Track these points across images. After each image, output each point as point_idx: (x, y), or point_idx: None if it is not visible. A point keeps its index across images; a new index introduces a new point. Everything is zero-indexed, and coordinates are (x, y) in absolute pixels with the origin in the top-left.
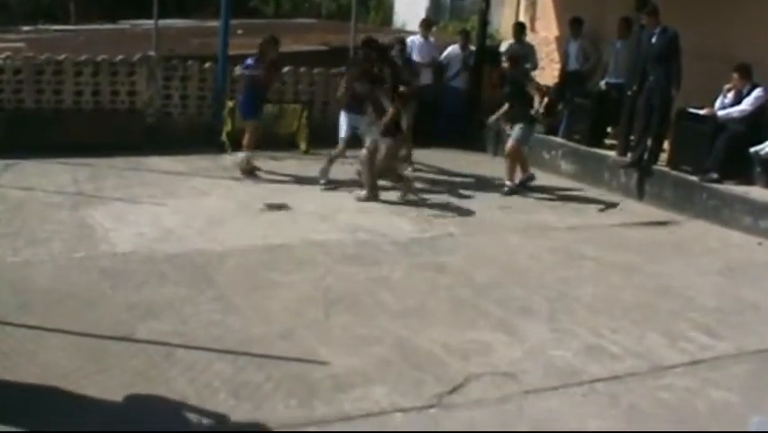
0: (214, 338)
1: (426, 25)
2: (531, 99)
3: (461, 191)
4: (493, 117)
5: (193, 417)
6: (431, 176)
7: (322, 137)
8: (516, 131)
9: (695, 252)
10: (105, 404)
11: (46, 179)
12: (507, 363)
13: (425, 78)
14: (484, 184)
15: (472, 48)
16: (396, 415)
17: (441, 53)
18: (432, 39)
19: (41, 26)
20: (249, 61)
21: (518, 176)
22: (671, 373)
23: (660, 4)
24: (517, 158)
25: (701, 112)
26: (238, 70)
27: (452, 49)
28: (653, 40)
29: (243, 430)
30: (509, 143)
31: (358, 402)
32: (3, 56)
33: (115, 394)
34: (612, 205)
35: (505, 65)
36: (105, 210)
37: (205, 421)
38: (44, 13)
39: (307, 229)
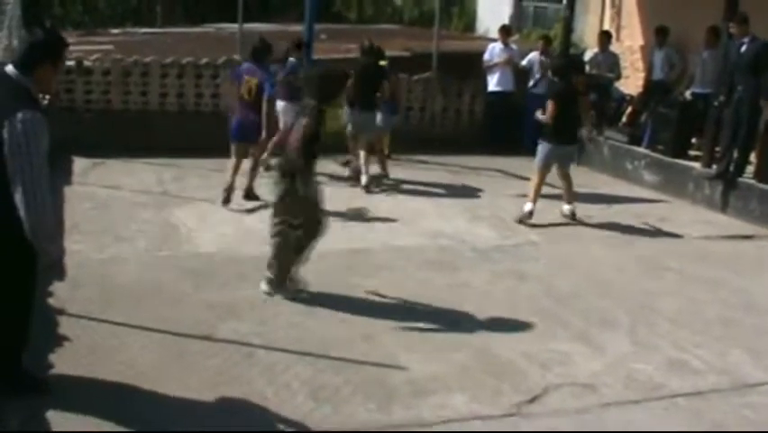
0: (294, 340)
1: (505, 32)
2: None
3: (545, 200)
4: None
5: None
6: (515, 184)
7: (403, 141)
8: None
9: None
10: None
11: (132, 179)
12: (587, 375)
13: (507, 85)
14: None
15: (553, 55)
16: (474, 423)
17: (522, 59)
18: (514, 46)
19: (129, 29)
20: None
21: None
22: (755, 391)
23: (750, 13)
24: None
25: None
26: None
27: (533, 55)
28: (742, 50)
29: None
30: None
31: (437, 409)
32: (92, 58)
33: (196, 393)
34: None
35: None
36: (188, 210)
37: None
38: (132, 15)
39: (388, 234)
